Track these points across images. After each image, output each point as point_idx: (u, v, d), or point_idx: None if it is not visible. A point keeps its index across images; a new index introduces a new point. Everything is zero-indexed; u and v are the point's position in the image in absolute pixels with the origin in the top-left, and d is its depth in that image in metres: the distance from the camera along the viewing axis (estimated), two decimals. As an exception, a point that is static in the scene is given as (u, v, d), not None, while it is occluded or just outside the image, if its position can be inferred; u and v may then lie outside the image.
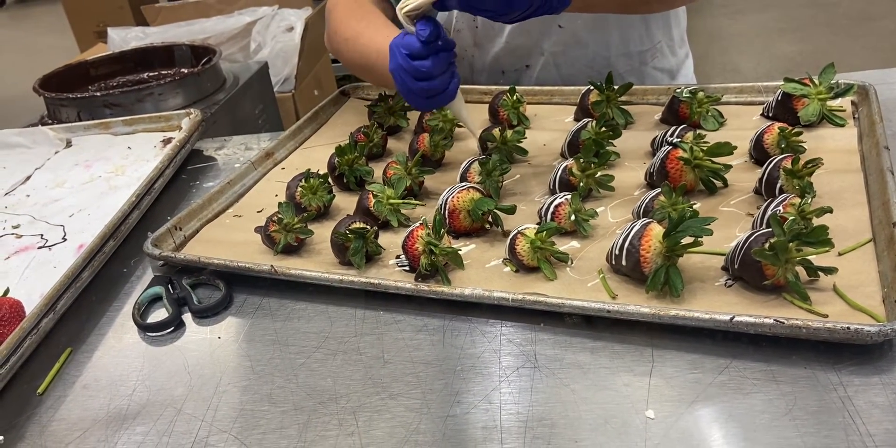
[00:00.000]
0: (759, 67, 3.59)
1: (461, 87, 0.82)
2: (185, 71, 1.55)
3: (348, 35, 1.00)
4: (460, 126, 0.99)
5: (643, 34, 1.09)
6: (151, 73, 1.58)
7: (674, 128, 0.84)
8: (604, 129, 0.84)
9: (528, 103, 1.02)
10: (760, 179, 0.73)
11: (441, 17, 1.14)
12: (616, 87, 0.93)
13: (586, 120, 0.89)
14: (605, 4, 0.97)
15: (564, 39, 1.08)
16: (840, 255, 0.63)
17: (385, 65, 0.80)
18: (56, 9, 4.17)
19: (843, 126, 0.83)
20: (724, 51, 3.85)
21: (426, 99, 0.80)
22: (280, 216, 0.75)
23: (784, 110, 0.86)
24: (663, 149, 0.77)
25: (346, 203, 0.86)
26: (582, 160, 0.78)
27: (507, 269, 0.69)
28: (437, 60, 0.76)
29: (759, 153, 0.79)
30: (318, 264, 0.74)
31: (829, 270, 0.58)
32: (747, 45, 3.94)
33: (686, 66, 1.20)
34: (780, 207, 0.65)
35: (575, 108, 0.99)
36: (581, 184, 0.77)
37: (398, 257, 0.72)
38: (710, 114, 0.89)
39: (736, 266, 0.61)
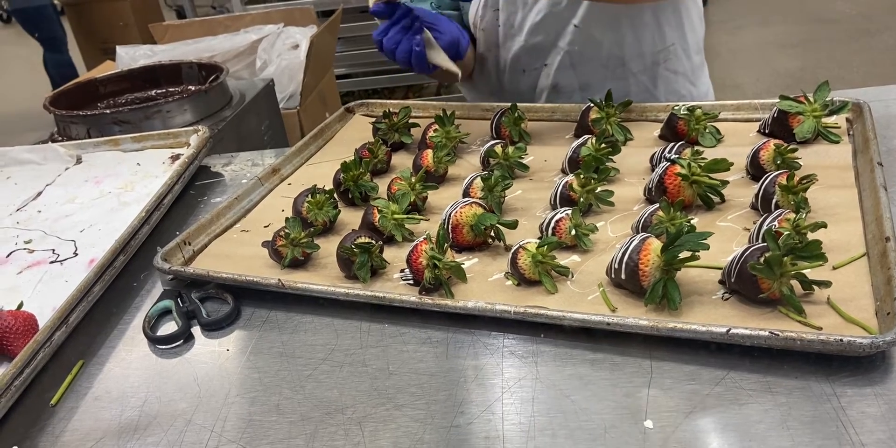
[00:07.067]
0: (760, 83, 3.62)
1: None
2: (193, 88, 1.57)
3: None
4: (463, 142, 1.01)
5: (656, 35, 1.12)
6: (159, 91, 1.61)
7: (672, 144, 0.86)
8: (603, 145, 0.86)
9: (530, 120, 1.04)
10: (756, 195, 0.75)
11: (468, 17, 1.20)
12: (615, 105, 0.95)
13: (586, 136, 0.90)
14: None
15: (580, 39, 1.11)
16: (834, 268, 0.64)
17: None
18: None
19: (837, 143, 0.85)
20: (724, 66, 3.88)
21: (408, 64, 1.02)
22: (287, 231, 0.76)
23: (780, 127, 0.88)
24: (662, 165, 0.78)
25: (351, 218, 0.87)
26: (582, 176, 0.79)
27: (509, 282, 0.70)
28: (391, 34, 1.00)
29: (755, 169, 0.81)
30: (324, 278, 0.75)
31: (824, 284, 0.59)
32: (748, 60, 3.97)
33: (703, 73, 1.23)
34: (776, 222, 0.67)
35: (575, 124, 1.01)
36: (581, 199, 0.79)
37: (402, 271, 0.74)
38: (707, 130, 0.91)
39: (732, 280, 0.62)
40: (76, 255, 0.89)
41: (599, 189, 0.79)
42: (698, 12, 1.17)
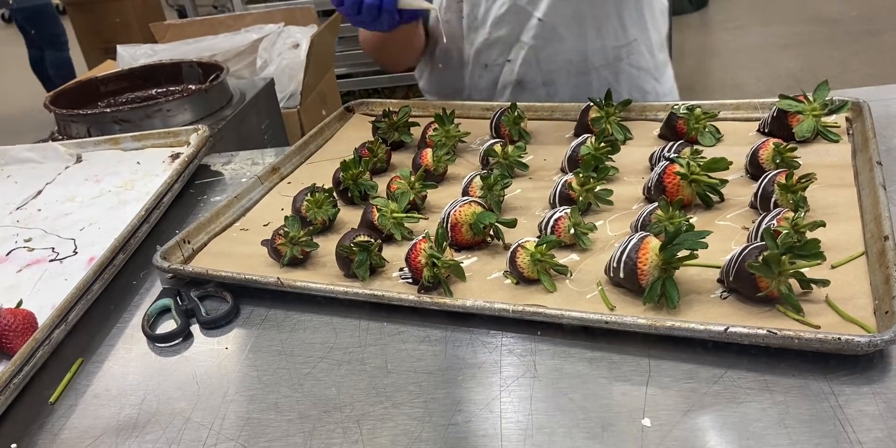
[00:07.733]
0: (761, 83, 3.61)
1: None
2: (193, 87, 1.57)
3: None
4: (463, 141, 1.01)
5: (618, 30, 1.13)
6: (160, 90, 1.61)
7: (671, 143, 0.86)
8: (603, 144, 0.86)
9: (529, 119, 1.04)
10: (755, 194, 0.75)
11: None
12: (615, 104, 0.96)
13: (586, 136, 0.90)
14: None
15: (544, 33, 1.11)
16: (833, 267, 0.64)
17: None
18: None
19: (837, 142, 0.84)
20: (725, 66, 3.88)
21: (375, 12, 0.96)
22: (286, 229, 0.76)
23: (779, 126, 0.88)
24: (661, 164, 0.78)
25: (350, 217, 0.87)
26: (581, 175, 0.79)
27: (508, 281, 0.70)
28: None
29: (754, 168, 0.81)
30: (323, 277, 0.75)
31: (822, 283, 0.59)
32: (749, 60, 3.97)
33: (667, 71, 1.24)
34: (774, 221, 0.67)
35: (575, 123, 1.01)
36: (580, 198, 0.79)
37: (401, 270, 0.74)
38: (707, 130, 0.91)
39: (731, 278, 0.62)
40: (76, 253, 0.89)
41: (598, 188, 0.80)
42: (661, 9, 1.17)
